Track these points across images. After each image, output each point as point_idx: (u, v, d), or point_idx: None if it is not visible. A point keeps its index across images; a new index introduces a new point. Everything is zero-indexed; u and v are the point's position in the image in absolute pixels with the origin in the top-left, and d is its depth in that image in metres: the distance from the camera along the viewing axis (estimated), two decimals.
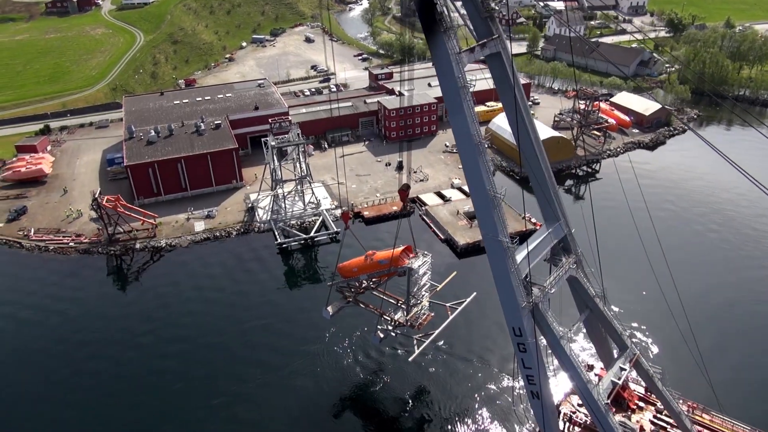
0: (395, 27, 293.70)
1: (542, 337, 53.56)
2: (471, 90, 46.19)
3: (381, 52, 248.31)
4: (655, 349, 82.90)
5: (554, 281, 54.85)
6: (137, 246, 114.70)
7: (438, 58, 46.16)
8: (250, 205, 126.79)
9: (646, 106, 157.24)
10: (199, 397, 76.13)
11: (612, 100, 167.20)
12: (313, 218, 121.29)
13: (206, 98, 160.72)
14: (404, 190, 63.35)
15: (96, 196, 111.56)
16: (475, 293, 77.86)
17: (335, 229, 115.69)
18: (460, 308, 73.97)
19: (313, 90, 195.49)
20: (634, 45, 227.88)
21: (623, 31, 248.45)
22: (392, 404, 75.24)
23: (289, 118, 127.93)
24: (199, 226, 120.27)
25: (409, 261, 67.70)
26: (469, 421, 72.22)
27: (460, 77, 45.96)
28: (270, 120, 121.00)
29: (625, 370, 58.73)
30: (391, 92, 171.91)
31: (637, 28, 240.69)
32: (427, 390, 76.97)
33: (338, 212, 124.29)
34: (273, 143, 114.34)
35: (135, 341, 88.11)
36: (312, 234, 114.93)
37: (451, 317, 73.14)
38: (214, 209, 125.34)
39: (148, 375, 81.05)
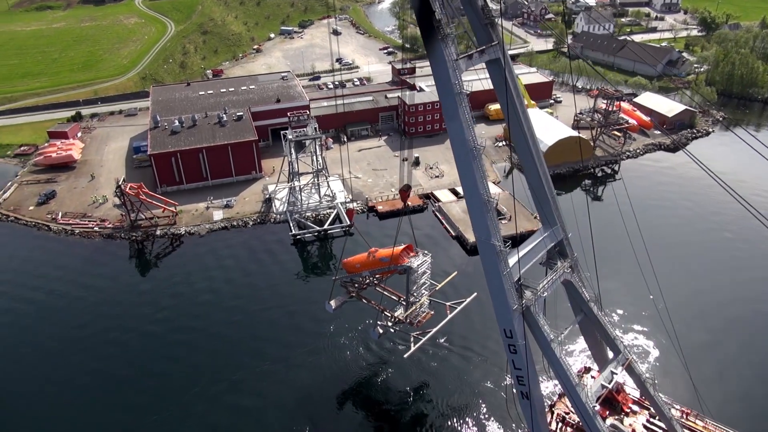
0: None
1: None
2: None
3: (407, 46, 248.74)
4: (655, 353, 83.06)
5: (547, 285, 55.87)
6: (158, 232, 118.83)
7: (435, 65, 47.12)
8: (267, 196, 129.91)
9: (669, 107, 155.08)
10: (201, 383, 79.22)
11: (635, 100, 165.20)
12: (328, 211, 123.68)
13: (230, 90, 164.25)
14: (405, 190, 64.85)
15: (120, 183, 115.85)
16: (476, 293, 79.04)
17: (348, 223, 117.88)
18: (459, 308, 75.30)
19: (337, 83, 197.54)
20: (664, 44, 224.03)
21: (654, 29, 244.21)
22: (390, 398, 77.18)
23: (308, 111, 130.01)
24: (218, 215, 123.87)
25: (409, 260, 69.28)
26: (467, 418, 73.57)
27: (456, 83, 46.82)
28: (288, 113, 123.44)
29: (616, 374, 59.61)
30: (412, 87, 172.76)
31: (668, 26, 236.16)
32: (427, 385, 78.59)
33: (352, 206, 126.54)
34: (290, 136, 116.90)
35: (151, 322, 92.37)
36: (325, 227, 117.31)
37: (449, 316, 74.60)
38: (233, 199, 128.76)
39: (158, 357, 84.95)
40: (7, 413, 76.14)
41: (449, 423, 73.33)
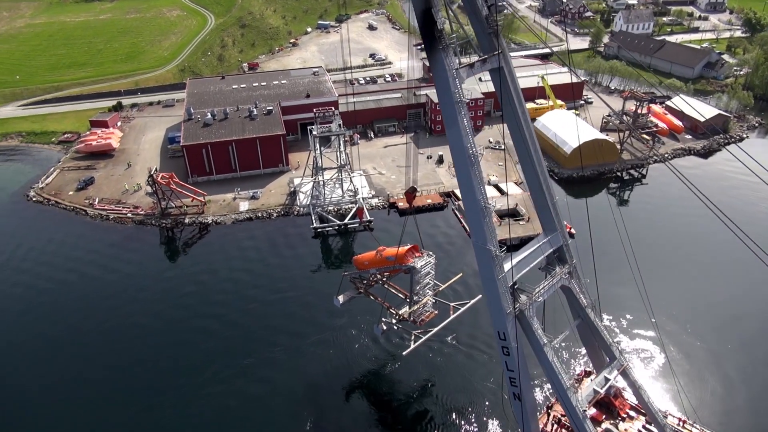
0: (460, 17, 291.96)
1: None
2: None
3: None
4: (661, 360, 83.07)
5: (544, 290, 57.18)
6: (186, 221, 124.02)
7: (437, 73, 48.82)
8: (292, 189, 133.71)
9: (702, 111, 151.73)
10: (213, 367, 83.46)
11: (668, 103, 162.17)
12: (350, 206, 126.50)
13: (262, 84, 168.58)
14: (410, 192, 66.73)
15: (152, 172, 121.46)
16: (480, 295, 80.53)
17: (369, 218, 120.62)
18: (462, 309, 76.88)
19: (368, 79, 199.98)
20: (704, 45, 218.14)
21: (696, 29, 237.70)
22: (395, 391, 79.57)
23: (333, 108, 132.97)
24: (244, 206, 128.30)
25: (414, 260, 71.27)
26: (469, 415, 75.13)
27: (456, 92, 48.35)
28: (314, 109, 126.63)
29: (609, 379, 60.63)
30: None
31: (711, 26, 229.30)
32: (432, 380, 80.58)
33: (374, 201, 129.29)
34: (315, 132, 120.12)
35: (172, 307, 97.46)
36: (346, 221, 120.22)
37: (452, 316, 76.31)
38: (259, 191, 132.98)
39: (176, 341, 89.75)
40: (40, 379, 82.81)
41: (451, 418, 75.19)
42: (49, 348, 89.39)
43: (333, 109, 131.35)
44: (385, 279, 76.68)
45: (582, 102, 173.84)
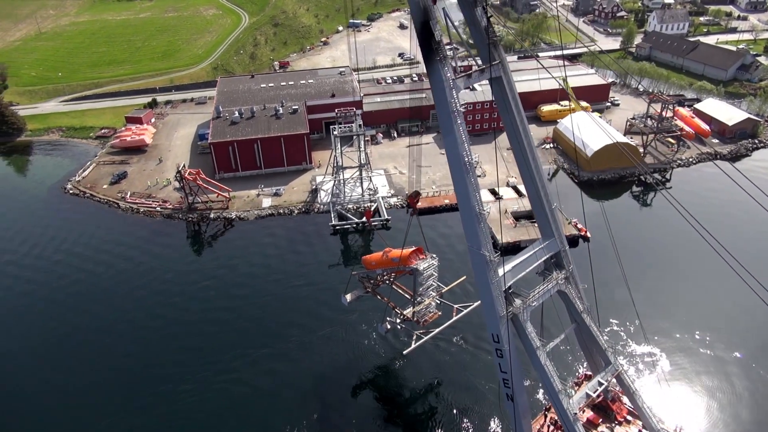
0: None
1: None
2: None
3: (471, 42, 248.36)
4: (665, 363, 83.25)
5: (538, 295, 58.70)
6: (211, 215, 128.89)
7: (434, 84, 50.84)
8: (314, 186, 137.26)
9: (730, 114, 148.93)
10: (224, 358, 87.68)
11: (696, 106, 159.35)
12: (369, 204, 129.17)
13: (290, 83, 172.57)
14: (413, 196, 68.92)
15: (180, 168, 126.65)
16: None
17: (386, 217, 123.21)
18: (465, 311, 78.70)
19: (395, 78, 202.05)
20: (741, 46, 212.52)
21: (734, 30, 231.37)
22: (400, 388, 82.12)
23: (353, 108, 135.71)
24: (267, 202, 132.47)
25: (417, 262, 73.44)
26: (471, 412, 77.03)
27: (452, 102, 50.37)
28: (336, 110, 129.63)
29: (603, 384, 61.78)
30: (466, 86, 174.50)
31: (749, 26, 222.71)
32: (437, 378, 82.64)
33: (393, 200, 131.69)
34: (335, 132, 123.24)
35: (190, 299, 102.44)
36: (364, 219, 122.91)
37: (454, 318, 78.28)
38: (282, 188, 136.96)
39: (191, 332, 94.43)
40: (70, 358, 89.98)
41: (454, 416, 77.15)
42: (76, 332, 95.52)
43: (354, 109, 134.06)
44: (392, 279, 79.02)
45: (608, 104, 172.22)
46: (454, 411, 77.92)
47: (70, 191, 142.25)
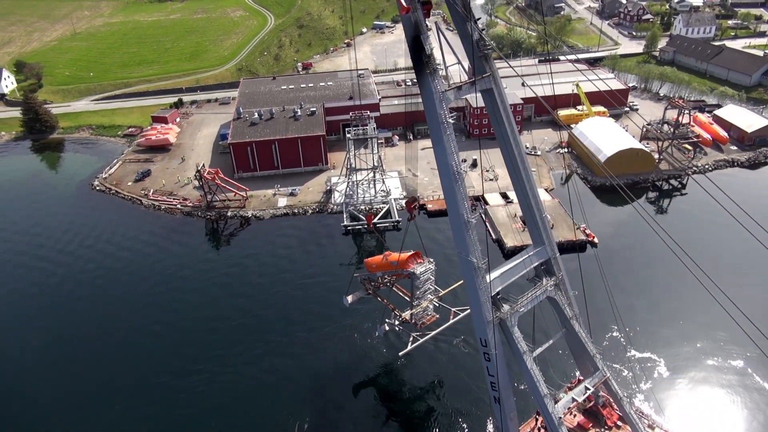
0: (515, 18, 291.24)
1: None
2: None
3: (493, 44, 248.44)
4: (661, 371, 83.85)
5: (527, 301, 60.43)
6: (229, 214, 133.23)
7: (424, 95, 53.05)
8: (329, 187, 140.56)
9: (750, 121, 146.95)
10: (229, 352, 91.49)
11: (715, 112, 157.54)
12: (381, 206, 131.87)
13: (309, 85, 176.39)
14: (410, 202, 71.22)
15: (199, 168, 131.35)
16: None
17: (397, 218, 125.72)
18: (462, 314, 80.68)
19: (414, 80, 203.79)
20: None
21: (763, 34, 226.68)
22: (401, 387, 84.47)
23: (367, 111, 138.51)
24: (282, 202, 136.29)
25: (414, 266, 75.79)
26: (468, 413, 79.01)
27: (441, 113, 52.54)
28: (350, 113, 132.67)
29: (589, 390, 63.27)
30: None
31: None
32: (437, 379, 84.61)
33: (404, 202, 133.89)
34: (348, 135, 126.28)
35: (209, 290, 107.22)
36: (375, 220, 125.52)
37: (451, 321, 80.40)
38: (297, 188, 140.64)
39: (199, 327, 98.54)
40: (94, 340, 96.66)
41: (452, 416, 79.02)
42: (95, 319, 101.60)
43: (368, 112, 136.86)
44: (393, 282, 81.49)
45: (627, 109, 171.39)
46: (452, 411, 79.77)
47: (97, 188, 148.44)
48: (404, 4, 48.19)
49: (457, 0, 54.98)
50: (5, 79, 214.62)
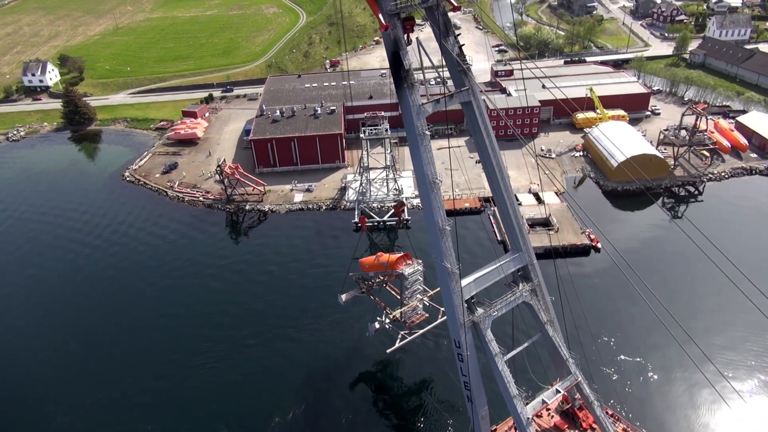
0: (546, 17, 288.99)
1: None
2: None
3: (521, 44, 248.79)
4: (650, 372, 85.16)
5: (501, 305, 63.26)
6: (247, 207, 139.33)
7: (404, 108, 56.44)
8: (343, 184, 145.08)
9: None
10: (238, 337, 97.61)
11: (738, 118, 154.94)
12: (393, 204, 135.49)
13: (332, 84, 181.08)
14: (398, 206, 74.67)
15: (220, 163, 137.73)
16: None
17: (407, 217, 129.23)
18: None
19: (439, 80, 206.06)
20: None
21: None
22: (395, 381, 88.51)
23: (381, 111, 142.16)
24: (298, 197, 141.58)
25: (404, 267, 79.38)
26: (463, 410, 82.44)
27: (419, 125, 56.01)
28: (365, 113, 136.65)
29: (560, 392, 65.86)
30: (503, 91, 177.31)
31: None
32: (431, 376, 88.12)
33: (416, 201, 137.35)
34: (362, 135, 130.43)
35: (225, 277, 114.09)
36: (384, 218, 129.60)
37: (440, 320, 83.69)
38: (314, 184, 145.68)
39: (212, 311, 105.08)
40: (121, 317, 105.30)
41: (445, 412, 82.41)
42: (119, 299, 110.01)
43: (382, 112, 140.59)
44: (386, 282, 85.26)
45: (648, 113, 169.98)
46: (439, 406, 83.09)
47: (127, 178, 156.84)
48: (383, 21, 51.52)
49: (437, 17, 58.22)
50: (49, 72, 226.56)
